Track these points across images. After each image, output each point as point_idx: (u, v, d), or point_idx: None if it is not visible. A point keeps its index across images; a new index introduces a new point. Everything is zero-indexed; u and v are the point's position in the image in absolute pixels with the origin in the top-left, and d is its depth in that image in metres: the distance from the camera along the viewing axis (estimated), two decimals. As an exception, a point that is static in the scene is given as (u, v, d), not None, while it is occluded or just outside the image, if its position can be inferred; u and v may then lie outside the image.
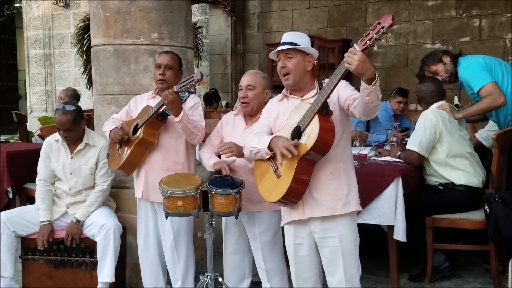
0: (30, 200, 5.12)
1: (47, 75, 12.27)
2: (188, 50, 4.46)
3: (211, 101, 9.11)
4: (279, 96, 3.03)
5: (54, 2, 11.80)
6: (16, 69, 14.40)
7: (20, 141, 7.61)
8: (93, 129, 4.56)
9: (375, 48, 2.42)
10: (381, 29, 2.35)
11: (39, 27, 12.11)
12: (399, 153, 4.19)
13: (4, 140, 8.41)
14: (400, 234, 3.76)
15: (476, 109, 4.11)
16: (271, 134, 2.93)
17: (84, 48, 9.41)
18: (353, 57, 2.39)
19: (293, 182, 2.66)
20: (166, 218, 3.38)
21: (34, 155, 5.12)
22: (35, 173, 5.06)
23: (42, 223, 3.99)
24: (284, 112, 2.91)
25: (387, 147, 4.63)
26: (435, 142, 3.98)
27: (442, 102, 4.14)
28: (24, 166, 5.13)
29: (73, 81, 11.87)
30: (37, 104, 12.50)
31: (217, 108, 8.99)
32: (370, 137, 5.06)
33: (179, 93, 3.44)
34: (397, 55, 9.03)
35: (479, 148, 4.51)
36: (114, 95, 4.31)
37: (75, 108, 3.99)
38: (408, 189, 3.86)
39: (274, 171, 2.79)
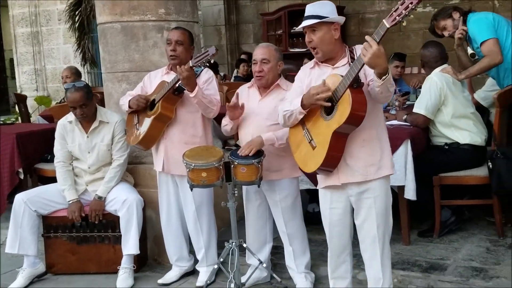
0: (42, 180, 5.23)
1: (36, 53, 12.14)
2: (195, 24, 4.54)
3: None
4: (311, 63, 3.05)
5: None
6: (1, 49, 14.23)
7: (19, 122, 7.65)
8: (102, 106, 4.65)
9: (404, 23, 2.43)
10: (409, 5, 2.36)
11: (25, 5, 11.93)
12: (405, 116, 4.35)
13: (1, 122, 8.41)
14: (410, 193, 3.94)
15: (478, 69, 4.27)
16: None
17: (77, 25, 9.34)
18: (368, 49, 2.42)
19: (328, 154, 2.74)
20: (191, 190, 3.52)
21: (42, 135, 5.24)
22: (44, 153, 5.20)
23: (70, 202, 4.10)
24: (316, 80, 2.92)
25: (393, 112, 4.78)
26: (440, 104, 4.13)
27: (445, 65, 4.28)
28: (33, 146, 5.20)
29: (63, 58, 11.77)
30: (27, 84, 12.40)
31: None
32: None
33: (194, 68, 3.55)
34: (391, 20, 9.09)
35: (477, 108, 4.68)
36: (124, 72, 4.39)
37: (85, 83, 4.12)
38: (416, 150, 4.02)
39: (309, 142, 2.88)
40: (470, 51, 4.46)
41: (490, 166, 4.01)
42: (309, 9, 2.88)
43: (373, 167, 2.85)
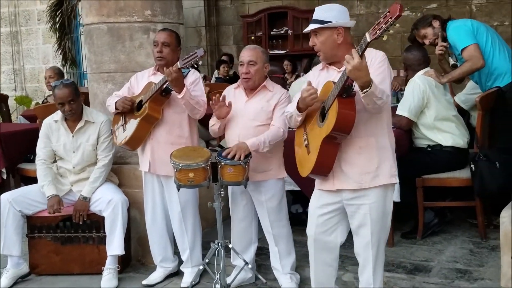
0: (25, 180, 5.19)
1: (15, 53, 12.00)
2: (180, 26, 4.54)
3: None
4: (320, 65, 3.02)
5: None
6: (-21, 48, 14.05)
7: (0, 122, 7.56)
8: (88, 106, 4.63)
9: (384, 38, 2.40)
10: (389, 20, 2.35)
11: (4, 5, 11.77)
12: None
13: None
14: (394, 195, 3.96)
15: (460, 72, 4.36)
16: None
17: (57, 25, 9.26)
18: (350, 62, 2.43)
19: (318, 161, 2.75)
20: (178, 190, 3.52)
21: (26, 135, 5.21)
22: (28, 153, 5.17)
23: (49, 197, 4.05)
24: (323, 82, 2.89)
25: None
26: (423, 107, 4.20)
27: (428, 69, 4.36)
28: (17, 146, 5.17)
29: (42, 58, 11.66)
30: (5, 83, 12.24)
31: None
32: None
33: (181, 69, 3.56)
34: (369, 23, 9.17)
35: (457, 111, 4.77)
36: (110, 73, 4.38)
37: (72, 80, 4.17)
38: (399, 152, 4.01)
39: (306, 146, 2.89)
40: (451, 61, 4.55)
41: (473, 168, 4.08)
42: (315, 13, 2.85)
43: (368, 175, 2.81)
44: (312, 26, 2.83)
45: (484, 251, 4.02)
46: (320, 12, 2.83)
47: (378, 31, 2.38)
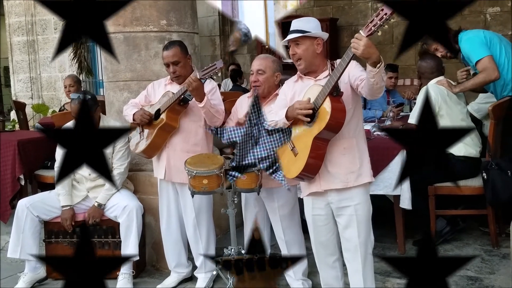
0: (42, 186, 5.28)
1: (31, 62, 12.16)
2: (195, 35, 4.63)
3: None
4: (295, 77, 3.20)
5: (35, -12, 11.70)
6: (-4, 57, 14.32)
7: (17, 129, 7.68)
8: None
9: (379, 33, 2.55)
10: (384, 16, 2.50)
11: (21, 14, 11.97)
12: (400, 127, 4.44)
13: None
14: (406, 203, 4.02)
15: (472, 83, 4.38)
16: None
17: (74, 35, 9.39)
18: (359, 43, 2.57)
19: (309, 159, 2.88)
20: (192, 196, 3.59)
21: (42, 142, 5.30)
22: (45, 160, 5.26)
23: (63, 208, 4.15)
24: (299, 92, 3.08)
25: (388, 122, 4.87)
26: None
27: (441, 77, 4.38)
28: (34, 153, 5.25)
29: (59, 67, 11.79)
30: (22, 92, 12.40)
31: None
32: (366, 113, 5.32)
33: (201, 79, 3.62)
34: (383, 32, 9.08)
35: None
36: (126, 81, 4.47)
37: (90, 98, 4.17)
38: (411, 160, 4.10)
39: (291, 149, 3.02)
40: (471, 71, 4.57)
41: (485, 176, 4.10)
42: (295, 24, 3.04)
43: (353, 174, 2.97)
44: (293, 35, 2.98)
45: (495, 259, 4.03)
46: (300, 23, 3.02)
47: (372, 28, 2.53)
